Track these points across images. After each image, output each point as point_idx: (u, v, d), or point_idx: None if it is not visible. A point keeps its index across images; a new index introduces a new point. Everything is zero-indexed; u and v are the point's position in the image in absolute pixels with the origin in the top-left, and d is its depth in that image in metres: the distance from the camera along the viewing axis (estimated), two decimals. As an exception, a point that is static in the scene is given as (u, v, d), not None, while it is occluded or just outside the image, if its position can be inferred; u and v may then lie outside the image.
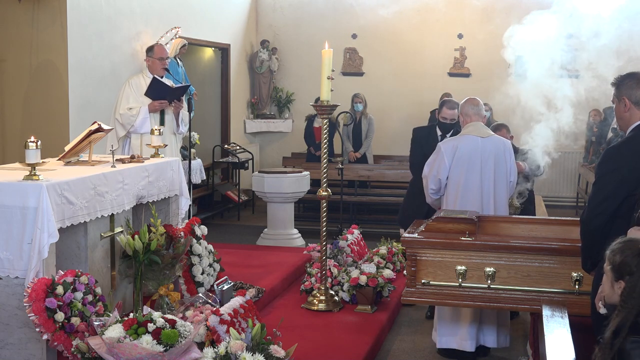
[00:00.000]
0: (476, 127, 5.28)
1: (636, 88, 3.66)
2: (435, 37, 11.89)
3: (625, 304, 2.60)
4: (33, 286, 3.87)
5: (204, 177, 9.27)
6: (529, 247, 4.40)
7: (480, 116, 5.34)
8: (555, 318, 3.86)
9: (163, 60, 6.82)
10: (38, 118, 7.20)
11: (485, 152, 5.19)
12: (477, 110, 5.34)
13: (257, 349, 3.83)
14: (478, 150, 5.18)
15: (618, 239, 2.78)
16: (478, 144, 5.19)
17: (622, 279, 2.66)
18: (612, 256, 2.72)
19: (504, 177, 5.23)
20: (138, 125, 6.56)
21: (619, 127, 3.88)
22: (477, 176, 5.17)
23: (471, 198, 5.18)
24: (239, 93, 11.88)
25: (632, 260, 2.64)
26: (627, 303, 2.60)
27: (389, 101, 11.86)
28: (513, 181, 5.33)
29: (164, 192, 5.42)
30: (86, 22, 7.43)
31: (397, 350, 5.43)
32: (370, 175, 10.44)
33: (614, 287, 2.70)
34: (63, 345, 3.91)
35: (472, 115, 5.32)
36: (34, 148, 4.14)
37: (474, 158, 5.17)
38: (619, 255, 2.69)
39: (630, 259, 2.65)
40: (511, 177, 5.29)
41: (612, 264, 2.71)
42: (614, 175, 3.59)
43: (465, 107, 5.36)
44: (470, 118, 5.33)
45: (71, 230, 4.37)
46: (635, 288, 2.60)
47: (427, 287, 4.53)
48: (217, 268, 5.76)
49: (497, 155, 5.21)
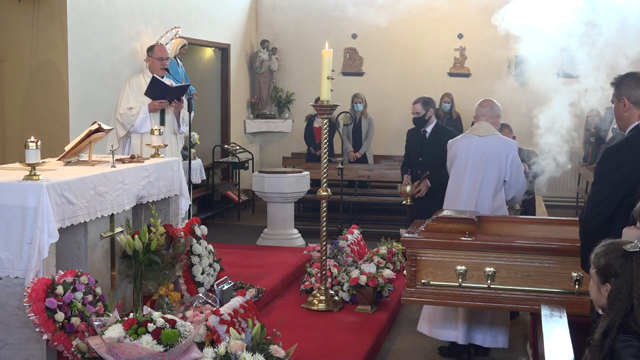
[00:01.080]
0: (478, 126, 5.38)
1: (635, 88, 3.67)
2: (435, 37, 11.89)
3: (613, 306, 2.60)
4: (33, 286, 3.87)
5: (204, 177, 9.28)
6: (529, 247, 4.40)
7: (488, 116, 5.44)
8: (554, 318, 3.86)
9: (163, 60, 6.82)
10: (38, 118, 7.20)
11: (478, 151, 5.25)
12: (484, 112, 5.46)
13: (257, 349, 3.83)
14: (469, 148, 5.28)
15: (602, 242, 2.77)
16: (471, 143, 5.28)
17: (608, 281, 2.65)
18: (596, 260, 2.72)
19: (494, 177, 5.22)
20: (138, 125, 6.56)
21: (618, 127, 3.88)
22: (462, 174, 5.29)
23: (452, 195, 5.34)
24: (239, 93, 11.89)
25: (616, 262, 2.63)
26: (614, 305, 2.60)
27: (389, 101, 11.85)
28: (510, 182, 5.27)
29: (164, 192, 5.42)
30: (86, 22, 7.43)
31: (397, 350, 5.43)
32: (370, 175, 10.44)
33: (600, 290, 2.69)
34: (63, 345, 3.92)
35: (479, 115, 5.47)
36: (34, 148, 4.14)
37: (461, 156, 5.31)
38: (603, 259, 2.68)
39: (614, 261, 2.64)
40: (506, 177, 5.25)
41: (597, 267, 2.71)
42: (613, 175, 3.59)
43: (476, 108, 5.55)
44: (477, 118, 5.49)
45: (71, 230, 4.37)
46: (622, 290, 2.60)
47: (427, 287, 4.53)
48: (217, 268, 5.77)
49: (491, 155, 5.23)
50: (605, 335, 2.57)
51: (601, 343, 2.58)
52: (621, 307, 2.58)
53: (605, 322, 2.60)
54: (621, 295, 2.59)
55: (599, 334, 2.59)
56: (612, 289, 2.63)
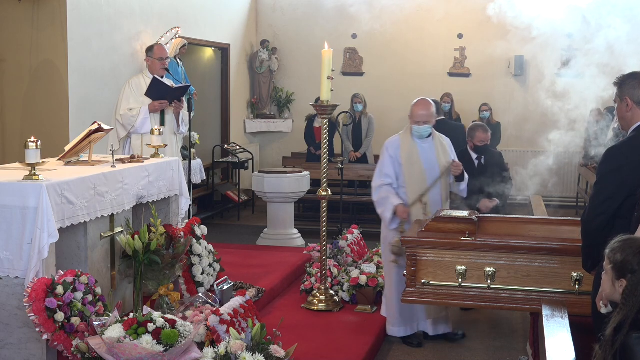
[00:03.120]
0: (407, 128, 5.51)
1: (638, 88, 3.65)
2: (435, 37, 11.89)
3: (627, 302, 2.61)
4: (33, 286, 3.86)
5: (204, 177, 9.27)
6: (529, 247, 4.40)
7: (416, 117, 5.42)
8: (556, 318, 3.86)
9: (163, 60, 6.82)
10: (38, 118, 7.20)
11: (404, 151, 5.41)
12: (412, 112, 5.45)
13: (257, 349, 3.83)
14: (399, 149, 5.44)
15: (617, 238, 2.78)
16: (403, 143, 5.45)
17: (623, 277, 2.67)
18: (612, 255, 2.73)
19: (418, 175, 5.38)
20: (139, 126, 6.56)
21: (620, 127, 3.87)
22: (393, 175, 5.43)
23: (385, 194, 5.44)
24: (239, 93, 11.88)
25: (634, 259, 2.65)
26: (628, 301, 2.61)
27: (389, 101, 11.85)
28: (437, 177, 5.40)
29: (164, 192, 5.42)
30: (86, 22, 7.43)
31: (397, 350, 5.43)
32: (370, 175, 10.30)
33: (615, 285, 2.71)
34: (63, 345, 3.91)
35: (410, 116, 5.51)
36: (34, 148, 4.14)
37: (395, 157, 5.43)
38: (620, 254, 2.69)
39: (632, 258, 2.66)
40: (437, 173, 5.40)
41: (612, 262, 2.72)
42: (615, 175, 3.59)
43: None
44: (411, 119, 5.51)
45: (71, 230, 4.37)
46: (638, 286, 2.61)
47: (427, 287, 4.52)
48: (217, 268, 5.76)
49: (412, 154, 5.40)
50: (617, 331, 2.58)
51: (613, 338, 2.58)
52: (635, 303, 2.59)
53: (618, 318, 2.60)
54: (637, 292, 2.61)
55: (610, 330, 2.60)
56: (627, 285, 2.64)
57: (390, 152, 5.46)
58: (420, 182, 5.37)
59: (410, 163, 5.40)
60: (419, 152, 5.43)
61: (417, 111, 5.42)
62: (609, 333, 2.60)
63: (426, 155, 5.44)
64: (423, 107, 5.43)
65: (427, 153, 5.45)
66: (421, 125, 5.42)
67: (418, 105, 5.45)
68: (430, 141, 5.49)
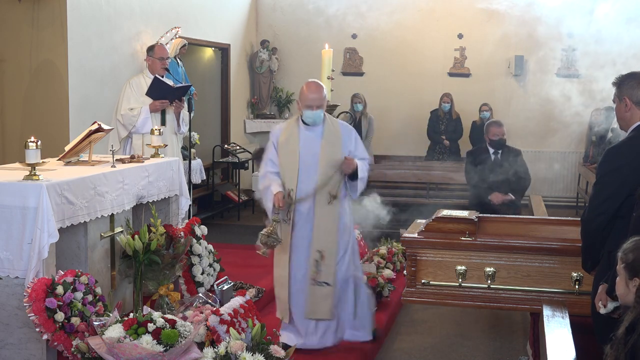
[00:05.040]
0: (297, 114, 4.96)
1: (637, 88, 3.65)
2: (435, 37, 11.88)
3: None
4: (33, 286, 3.87)
5: (204, 177, 9.26)
6: (529, 247, 4.40)
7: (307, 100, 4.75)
8: (556, 318, 3.86)
9: (163, 60, 6.82)
10: (38, 118, 7.20)
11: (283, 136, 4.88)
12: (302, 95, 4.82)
13: (257, 349, 3.83)
14: None
15: (629, 240, 2.79)
16: None
17: (637, 276, 2.68)
18: (624, 255, 2.74)
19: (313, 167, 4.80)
20: (140, 126, 6.56)
21: (619, 127, 3.87)
22: None
23: None
24: (239, 93, 11.88)
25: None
26: None
27: (389, 101, 11.85)
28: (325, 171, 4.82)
29: (164, 192, 5.42)
30: (86, 22, 7.43)
31: (397, 350, 5.43)
32: (370, 175, 10.39)
33: (628, 285, 2.71)
34: (63, 345, 3.91)
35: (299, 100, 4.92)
36: (34, 148, 4.14)
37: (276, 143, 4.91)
38: (632, 254, 2.71)
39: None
40: None
41: (625, 262, 2.72)
42: (615, 175, 3.59)
43: None
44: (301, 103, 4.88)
45: (71, 230, 4.37)
46: None
47: (427, 287, 4.53)
48: (217, 268, 5.77)
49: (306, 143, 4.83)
50: (630, 331, 2.57)
51: (625, 338, 2.57)
52: None
53: (630, 317, 2.59)
54: None
55: (622, 329, 2.59)
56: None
57: (273, 139, 4.90)
58: (291, 171, 4.79)
59: (286, 150, 4.81)
60: (298, 139, 4.80)
61: (309, 94, 4.73)
62: (621, 332, 2.59)
63: (308, 143, 4.80)
64: (315, 89, 4.74)
65: (310, 142, 4.80)
66: (314, 110, 4.75)
67: (309, 87, 4.76)
68: (318, 130, 4.84)
